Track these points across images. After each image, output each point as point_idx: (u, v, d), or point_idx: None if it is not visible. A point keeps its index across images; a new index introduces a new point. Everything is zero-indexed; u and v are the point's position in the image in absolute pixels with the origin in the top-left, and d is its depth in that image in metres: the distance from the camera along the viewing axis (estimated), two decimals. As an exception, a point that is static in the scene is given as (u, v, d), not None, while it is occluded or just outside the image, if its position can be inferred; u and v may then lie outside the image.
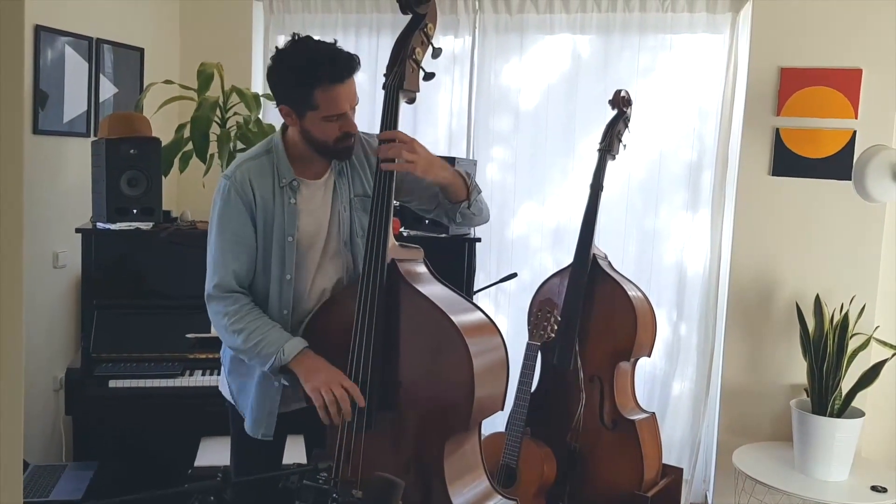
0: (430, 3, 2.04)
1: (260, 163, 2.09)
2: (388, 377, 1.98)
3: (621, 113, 3.29)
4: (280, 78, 2.03)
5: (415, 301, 1.97)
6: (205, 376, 3.11)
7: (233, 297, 2.06)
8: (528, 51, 3.95)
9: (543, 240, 4.01)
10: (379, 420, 1.98)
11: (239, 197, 2.05)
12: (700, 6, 3.66)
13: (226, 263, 2.06)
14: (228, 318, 2.05)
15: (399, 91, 2.03)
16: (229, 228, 2.06)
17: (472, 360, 1.89)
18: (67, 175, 3.57)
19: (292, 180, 2.07)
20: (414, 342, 1.98)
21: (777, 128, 3.49)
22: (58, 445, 3.51)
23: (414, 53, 2.03)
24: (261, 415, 2.13)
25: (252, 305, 2.08)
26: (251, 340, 2.02)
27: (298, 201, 2.08)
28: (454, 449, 1.98)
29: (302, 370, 1.99)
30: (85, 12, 3.59)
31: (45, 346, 3.49)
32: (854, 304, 3.30)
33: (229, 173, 2.09)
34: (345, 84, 1.98)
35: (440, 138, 4.05)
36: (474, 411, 1.92)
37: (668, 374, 3.86)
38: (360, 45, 4.10)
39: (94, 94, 3.67)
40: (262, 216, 2.06)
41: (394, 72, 2.03)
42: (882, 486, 3.07)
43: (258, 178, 2.06)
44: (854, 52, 3.38)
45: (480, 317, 2.04)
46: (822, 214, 3.46)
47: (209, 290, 2.09)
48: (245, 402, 2.18)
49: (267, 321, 2.05)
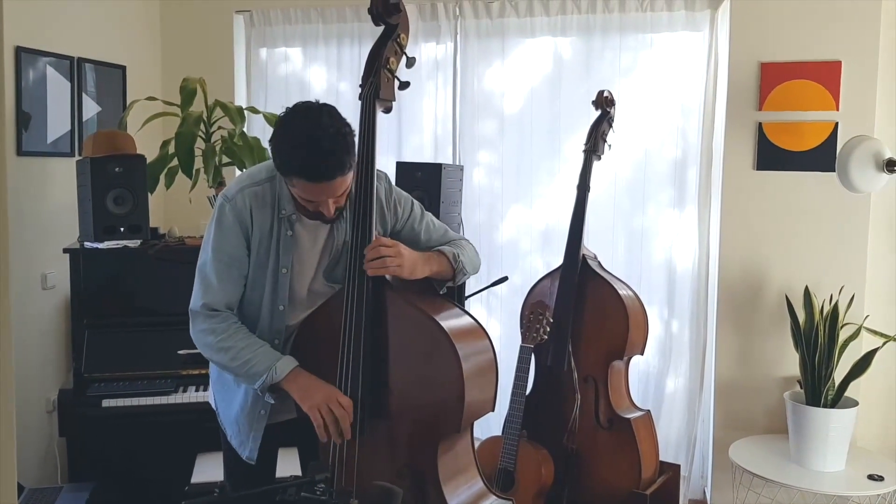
0: (402, 14, 2.06)
1: (262, 189, 2.05)
2: (378, 384, 1.99)
3: (605, 113, 3.31)
4: (272, 144, 1.96)
5: (402, 307, 1.98)
6: (198, 392, 3.10)
7: (221, 316, 2.06)
8: (510, 54, 3.96)
9: (533, 242, 4.02)
10: (371, 427, 1.98)
11: (237, 221, 2.03)
12: (679, 4, 3.68)
13: (219, 285, 2.05)
14: (216, 335, 2.04)
15: (375, 101, 2.04)
16: (225, 251, 2.05)
17: (461, 362, 1.90)
18: (53, 196, 3.55)
19: (291, 214, 2.05)
20: (402, 348, 1.99)
21: (760, 122, 3.52)
22: (52, 467, 3.49)
23: (388, 63, 2.05)
24: (245, 437, 2.13)
25: (240, 324, 2.07)
26: (240, 358, 2.01)
27: (295, 233, 2.07)
28: (447, 451, 1.99)
29: (295, 389, 1.99)
30: (65, 32, 3.59)
31: (36, 367, 3.47)
32: (843, 294, 3.32)
33: (230, 195, 2.05)
34: (322, 184, 1.89)
35: (426, 144, 4.06)
36: (465, 413, 1.93)
37: (661, 371, 3.88)
38: (342, 54, 4.11)
39: (77, 114, 3.66)
40: (257, 244, 2.05)
41: (369, 82, 2.04)
42: (879, 475, 3.08)
43: (258, 207, 2.04)
44: (833, 45, 3.41)
45: (467, 319, 2.06)
46: (808, 206, 3.49)
47: (196, 307, 2.07)
48: (228, 418, 2.19)
49: (255, 340, 2.05)
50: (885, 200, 3.42)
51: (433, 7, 3.95)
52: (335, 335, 2.00)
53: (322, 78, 4.19)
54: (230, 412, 2.18)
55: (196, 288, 2.08)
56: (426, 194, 3.44)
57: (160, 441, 3.13)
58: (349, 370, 1.97)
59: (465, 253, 2.20)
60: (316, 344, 2.06)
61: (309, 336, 2.09)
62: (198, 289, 2.08)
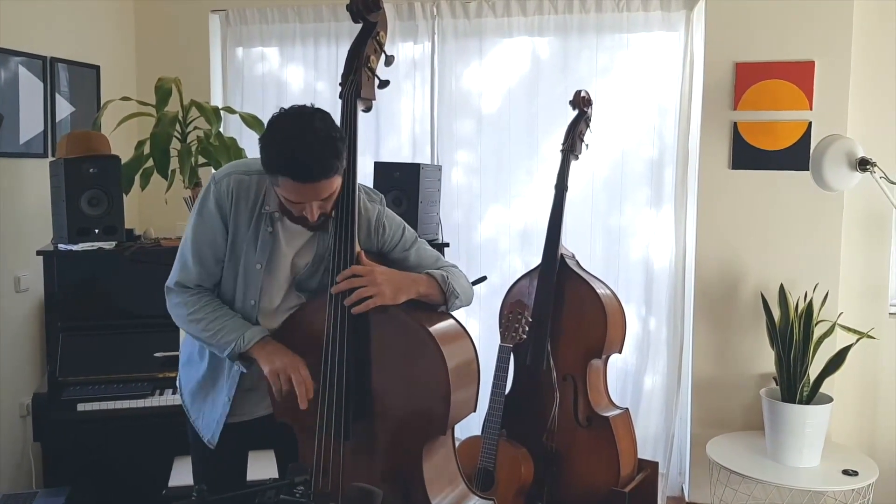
0: (381, 12, 2.04)
1: (250, 180, 2.03)
2: (363, 387, 1.98)
3: (582, 113, 3.32)
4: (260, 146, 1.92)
5: (386, 310, 1.97)
6: (175, 395, 3.07)
7: (194, 290, 2.07)
8: (488, 54, 3.97)
9: (511, 242, 4.03)
10: (355, 430, 1.97)
11: (217, 205, 2.02)
12: (654, 5, 3.71)
13: (195, 263, 2.05)
14: (188, 307, 2.05)
15: (356, 100, 2.02)
16: (202, 233, 2.05)
17: (446, 364, 1.90)
18: (26, 197, 3.51)
19: (274, 211, 2.03)
20: (388, 351, 1.98)
21: (735, 122, 3.55)
22: (27, 473, 3.45)
23: (368, 62, 2.03)
24: (211, 420, 2.13)
25: (212, 296, 2.08)
26: (211, 329, 2.02)
27: (275, 232, 2.05)
28: (431, 454, 1.99)
29: (262, 355, 1.99)
30: (38, 31, 3.54)
31: (10, 371, 3.42)
32: (818, 291, 3.36)
33: (218, 178, 2.04)
34: (307, 184, 1.85)
35: (404, 144, 4.06)
36: (451, 415, 1.93)
37: (639, 369, 3.90)
38: (319, 54, 4.09)
39: (50, 114, 3.61)
40: (235, 232, 2.04)
41: (349, 81, 2.02)
42: (853, 470, 3.13)
43: (241, 196, 2.02)
44: (806, 45, 3.45)
45: (450, 321, 2.06)
46: (783, 205, 3.53)
47: (170, 283, 2.09)
48: (191, 394, 2.19)
49: (227, 311, 2.05)
50: (857, 199, 3.46)
51: (410, 7, 3.95)
52: (317, 338, 1.99)
53: (299, 77, 4.17)
54: (191, 385, 2.18)
55: (174, 266, 2.10)
56: (404, 194, 3.44)
57: (137, 444, 3.09)
58: (334, 374, 1.96)
59: (457, 279, 2.13)
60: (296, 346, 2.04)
61: (290, 337, 2.07)
62: (175, 267, 2.09)
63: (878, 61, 3.45)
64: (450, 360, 1.91)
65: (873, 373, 3.54)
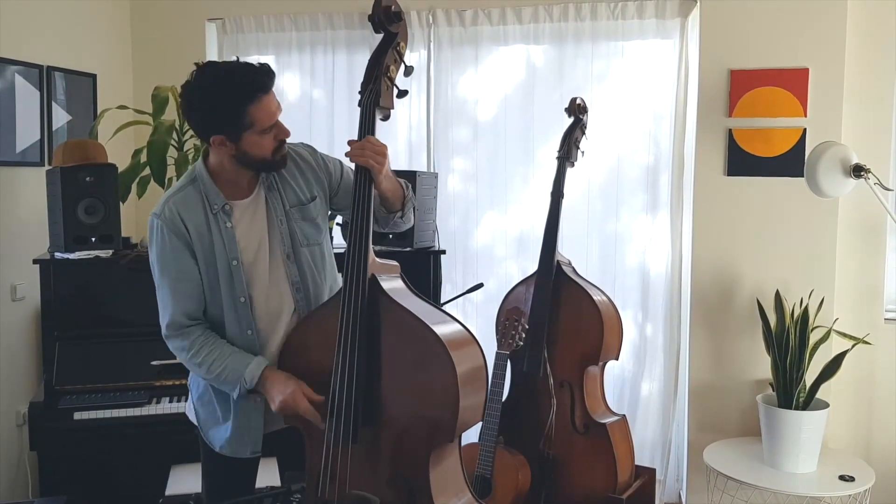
0: (402, 23, 2.07)
1: (186, 194, 2.07)
2: (372, 392, 1.98)
3: (578, 120, 3.33)
4: (206, 108, 1.99)
5: (397, 315, 1.97)
6: (172, 403, 3.07)
7: (185, 333, 2.08)
8: (484, 62, 3.98)
9: (508, 249, 4.04)
10: (363, 436, 1.97)
11: (172, 233, 2.04)
12: (649, 12, 3.73)
13: (175, 302, 2.07)
14: (186, 352, 2.08)
15: (375, 108, 2.04)
16: (171, 266, 2.06)
17: (456, 371, 1.89)
18: (22, 205, 3.50)
19: (224, 205, 2.07)
20: (397, 356, 1.98)
21: (730, 129, 3.56)
22: (23, 482, 3.44)
23: (388, 71, 2.06)
24: (245, 433, 2.14)
25: (207, 335, 2.09)
26: (213, 371, 2.05)
27: (234, 223, 2.07)
28: (438, 461, 1.98)
29: (265, 390, 2.03)
30: (34, 40, 3.54)
31: (6, 380, 3.42)
32: (813, 297, 3.37)
33: (158, 211, 2.08)
34: (270, 93, 1.99)
35: (400, 151, 4.06)
36: (459, 422, 1.93)
37: (636, 375, 3.90)
38: (316, 62, 4.10)
39: (46, 123, 3.61)
40: (200, 247, 2.06)
41: (369, 89, 2.05)
42: (850, 476, 3.13)
43: (187, 211, 2.05)
44: (800, 52, 3.47)
45: (459, 328, 2.05)
46: (778, 211, 3.54)
47: (164, 330, 2.11)
48: (216, 425, 2.18)
49: (225, 348, 2.07)
50: (852, 205, 3.47)
51: (406, 15, 3.95)
52: (327, 344, 1.99)
53: (295, 85, 4.17)
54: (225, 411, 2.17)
55: (160, 314, 2.11)
56: (401, 202, 3.44)
57: (133, 453, 3.09)
58: (344, 376, 1.96)
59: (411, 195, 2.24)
60: (307, 350, 2.06)
61: (301, 341, 2.09)
62: (160, 312, 2.11)
63: (871, 68, 3.47)
64: (459, 367, 1.91)
65: (869, 378, 3.55)
